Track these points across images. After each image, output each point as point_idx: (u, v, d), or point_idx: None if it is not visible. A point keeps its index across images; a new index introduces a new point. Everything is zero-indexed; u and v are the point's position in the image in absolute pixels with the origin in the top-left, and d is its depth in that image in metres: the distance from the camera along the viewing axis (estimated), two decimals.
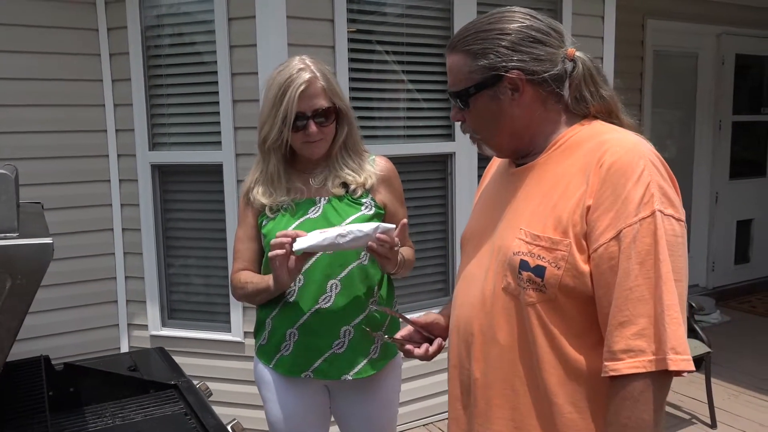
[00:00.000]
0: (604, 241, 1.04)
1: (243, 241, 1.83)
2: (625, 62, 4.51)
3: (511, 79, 1.14)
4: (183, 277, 3.23)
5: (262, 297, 1.74)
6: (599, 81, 1.18)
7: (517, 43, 1.13)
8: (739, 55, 5.51)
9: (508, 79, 1.14)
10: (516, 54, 1.13)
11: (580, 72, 1.16)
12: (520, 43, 1.13)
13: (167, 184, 3.19)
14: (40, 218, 1.49)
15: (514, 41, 1.13)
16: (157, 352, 2.24)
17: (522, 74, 1.13)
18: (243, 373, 3.02)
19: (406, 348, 1.39)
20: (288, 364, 1.76)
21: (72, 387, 1.93)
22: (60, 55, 3.11)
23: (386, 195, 1.80)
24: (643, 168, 1.04)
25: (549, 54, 1.14)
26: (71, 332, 3.23)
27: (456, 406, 1.30)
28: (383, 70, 3.14)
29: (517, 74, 1.13)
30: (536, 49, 1.14)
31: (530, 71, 1.13)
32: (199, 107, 3.04)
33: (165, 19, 3.06)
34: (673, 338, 1.01)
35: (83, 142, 3.19)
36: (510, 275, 1.14)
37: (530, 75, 1.14)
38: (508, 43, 1.13)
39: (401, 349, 1.41)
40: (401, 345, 1.40)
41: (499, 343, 1.17)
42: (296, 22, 2.83)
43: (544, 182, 1.16)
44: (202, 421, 1.65)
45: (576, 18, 3.55)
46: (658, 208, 1.03)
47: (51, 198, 3.05)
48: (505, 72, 1.14)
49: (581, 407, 1.10)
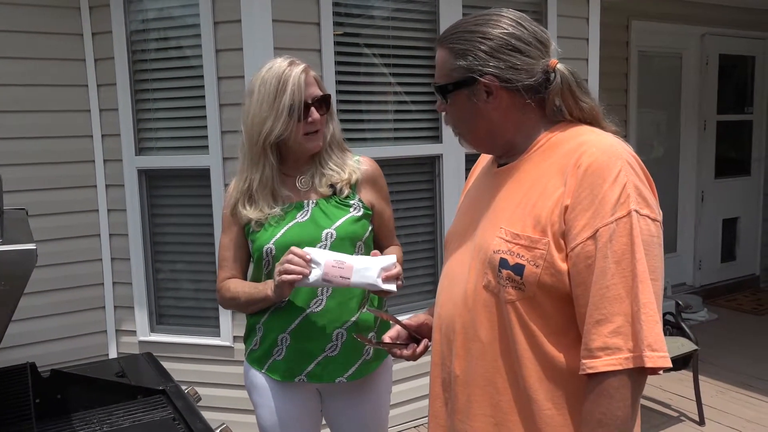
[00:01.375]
0: (581, 240, 1.06)
1: (229, 248, 1.80)
2: (610, 63, 4.54)
3: (485, 84, 1.16)
4: (171, 282, 3.21)
5: (256, 307, 1.73)
6: (579, 93, 1.19)
7: (495, 50, 1.15)
8: (723, 56, 5.57)
9: (482, 83, 1.16)
10: (493, 60, 1.15)
11: (558, 84, 1.17)
12: (498, 49, 1.15)
13: (154, 189, 3.17)
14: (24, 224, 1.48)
15: (493, 47, 1.15)
16: (146, 358, 2.23)
17: (496, 80, 1.15)
18: (232, 377, 3.01)
19: (394, 350, 1.41)
20: (281, 369, 1.75)
21: (59, 394, 1.91)
22: (44, 61, 3.09)
23: (372, 194, 1.81)
24: (620, 169, 1.06)
25: (526, 64, 1.15)
26: (59, 339, 3.21)
27: (436, 403, 1.31)
28: (370, 72, 3.15)
29: (490, 80, 1.15)
30: (514, 57, 1.15)
31: (505, 79, 1.15)
32: (186, 111, 3.04)
33: (150, 24, 3.05)
34: (650, 335, 1.02)
35: (69, 148, 3.17)
36: (490, 273, 1.16)
37: (504, 83, 1.15)
38: (487, 48, 1.15)
39: (390, 352, 1.43)
40: (389, 348, 1.41)
41: (480, 340, 1.18)
42: (282, 25, 2.83)
43: (524, 182, 1.18)
44: (190, 426, 1.65)
45: (561, 20, 3.57)
46: (634, 208, 1.04)
47: (37, 204, 3.03)
48: (479, 76, 1.15)
49: (560, 404, 1.12)
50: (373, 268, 1.59)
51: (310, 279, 1.56)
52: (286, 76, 1.63)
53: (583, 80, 1.22)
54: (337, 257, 1.58)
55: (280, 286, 1.58)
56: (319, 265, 1.57)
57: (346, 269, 1.58)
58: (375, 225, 1.83)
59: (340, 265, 1.58)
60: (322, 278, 1.56)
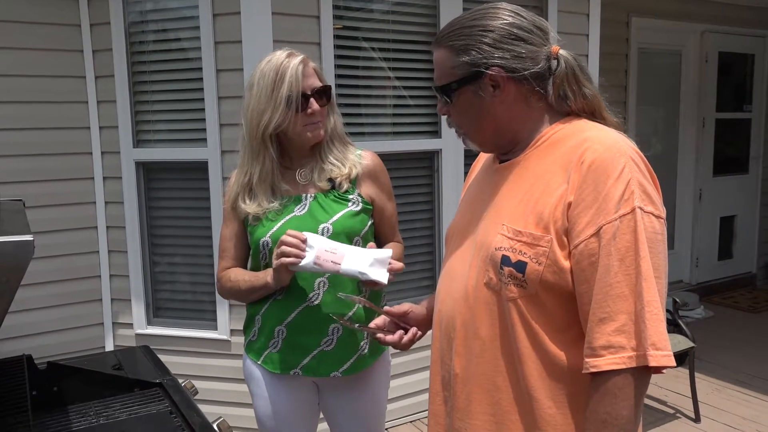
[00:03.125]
0: (585, 237, 1.05)
1: (229, 239, 1.81)
2: (610, 59, 4.54)
3: (492, 76, 1.14)
4: (168, 275, 3.21)
5: (258, 294, 1.73)
6: (582, 79, 1.18)
7: (498, 41, 1.14)
8: (722, 53, 5.57)
9: (489, 75, 1.14)
10: (497, 51, 1.13)
11: (563, 70, 1.16)
12: (501, 40, 1.14)
13: (152, 182, 3.16)
14: (21, 215, 1.47)
15: (495, 38, 1.14)
16: (142, 351, 2.22)
17: (503, 71, 1.14)
18: (229, 371, 3.01)
19: (378, 336, 1.41)
20: (276, 361, 1.75)
21: (55, 386, 1.90)
22: (42, 51, 3.07)
23: (373, 189, 1.80)
24: (624, 165, 1.05)
25: (531, 52, 1.15)
26: (55, 331, 3.20)
27: (436, 400, 1.31)
28: (370, 67, 3.14)
29: (497, 71, 1.14)
30: (518, 46, 1.14)
31: (511, 69, 1.14)
32: (184, 104, 3.02)
33: (149, 15, 3.03)
34: (654, 334, 1.01)
35: (66, 139, 3.16)
36: (492, 270, 1.15)
37: (511, 72, 1.14)
38: (490, 40, 1.14)
39: (374, 337, 1.43)
40: (373, 333, 1.41)
41: (480, 337, 1.17)
42: (282, 18, 2.81)
43: (526, 179, 1.17)
44: (187, 420, 1.64)
45: (561, 15, 3.56)
46: (639, 205, 1.03)
47: (34, 196, 3.02)
48: (485, 69, 1.14)
49: (561, 403, 1.11)
50: (365, 258, 1.59)
51: (302, 262, 1.57)
52: (284, 68, 1.63)
53: (586, 66, 1.21)
54: (332, 244, 1.60)
55: (278, 270, 1.60)
56: (312, 248, 1.58)
57: (338, 255, 1.59)
58: (376, 220, 1.82)
59: (333, 250, 1.59)
60: (314, 261, 1.57)
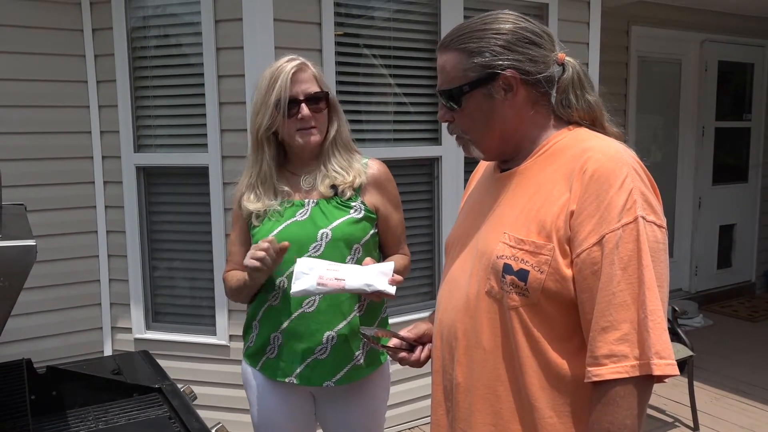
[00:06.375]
0: (587, 246, 1.05)
1: (235, 244, 1.84)
2: (610, 68, 4.55)
3: (505, 78, 1.15)
4: (168, 279, 3.21)
5: (245, 292, 1.74)
6: (586, 86, 1.20)
7: (512, 43, 1.15)
8: (722, 62, 5.59)
9: (503, 77, 1.15)
10: (511, 53, 1.14)
11: (569, 77, 1.18)
12: (515, 43, 1.15)
13: (152, 186, 3.16)
14: (23, 220, 1.47)
15: (509, 41, 1.15)
16: (141, 356, 2.22)
17: (517, 74, 1.15)
18: (228, 376, 3.01)
19: (401, 356, 1.40)
20: (273, 368, 1.75)
21: (54, 390, 1.90)
22: (44, 56, 3.08)
23: (378, 198, 1.79)
24: (626, 175, 1.05)
25: (542, 56, 1.16)
26: (54, 335, 3.20)
27: (438, 410, 1.30)
28: (370, 73, 3.15)
29: (512, 73, 1.14)
30: (531, 50, 1.15)
31: (525, 71, 1.15)
32: (185, 109, 3.03)
33: (151, 21, 3.04)
34: (657, 343, 1.01)
35: (67, 144, 3.16)
36: (493, 279, 1.15)
37: (524, 75, 1.15)
38: (503, 43, 1.15)
39: (395, 358, 1.41)
40: (395, 353, 1.40)
41: (482, 346, 1.17)
42: (283, 24, 2.82)
43: (528, 187, 1.17)
44: (186, 425, 1.64)
45: (562, 24, 3.58)
46: (641, 215, 1.04)
47: (35, 200, 3.02)
48: (501, 70, 1.14)
49: (562, 412, 1.10)
50: (369, 271, 1.59)
51: (305, 286, 1.57)
52: (278, 72, 1.67)
53: (588, 75, 1.23)
54: (330, 263, 1.60)
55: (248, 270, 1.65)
56: (312, 270, 1.57)
57: (340, 272, 1.58)
58: (380, 230, 1.82)
59: (334, 268, 1.58)
60: (317, 282, 1.56)
